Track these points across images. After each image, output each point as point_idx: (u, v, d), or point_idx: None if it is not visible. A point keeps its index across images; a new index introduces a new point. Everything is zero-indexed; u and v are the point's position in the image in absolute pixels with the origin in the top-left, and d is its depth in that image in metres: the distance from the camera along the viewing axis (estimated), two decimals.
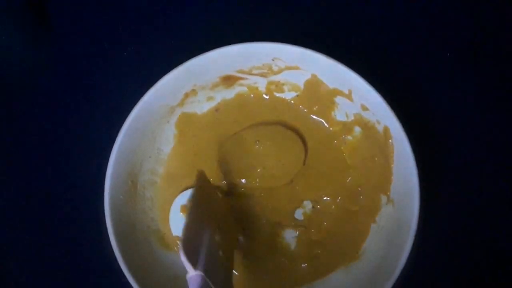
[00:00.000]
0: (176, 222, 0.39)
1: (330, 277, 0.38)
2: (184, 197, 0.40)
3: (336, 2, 0.48)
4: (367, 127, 0.39)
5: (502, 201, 0.42)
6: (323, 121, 0.41)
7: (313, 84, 0.40)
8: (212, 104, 0.42)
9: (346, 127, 0.40)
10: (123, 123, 0.36)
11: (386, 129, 0.36)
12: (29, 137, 0.46)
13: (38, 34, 0.49)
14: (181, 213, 0.39)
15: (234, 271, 0.38)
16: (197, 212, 0.32)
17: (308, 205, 0.40)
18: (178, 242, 0.36)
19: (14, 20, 0.48)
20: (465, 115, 0.44)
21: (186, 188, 0.40)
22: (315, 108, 0.41)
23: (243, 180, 0.40)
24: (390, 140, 0.36)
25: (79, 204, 0.43)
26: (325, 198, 0.40)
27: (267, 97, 0.42)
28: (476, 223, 0.41)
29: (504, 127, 0.44)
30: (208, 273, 0.28)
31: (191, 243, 0.29)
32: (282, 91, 0.42)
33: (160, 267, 0.37)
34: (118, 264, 0.34)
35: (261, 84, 0.41)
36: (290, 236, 0.40)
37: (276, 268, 0.39)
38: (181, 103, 0.40)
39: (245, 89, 0.42)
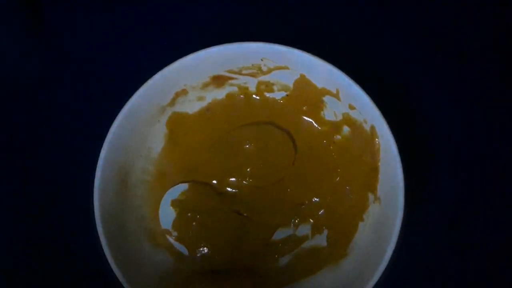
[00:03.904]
0: (166, 216, 0.40)
1: (318, 274, 0.38)
2: (175, 192, 0.40)
3: (324, 2, 0.48)
4: (355, 126, 0.39)
5: (487, 197, 0.42)
6: (312, 120, 0.42)
7: (302, 84, 0.40)
8: (203, 104, 0.43)
9: (335, 127, 0.41)
10: (113, 121, 0.37)
11: (372, 128, 0.37)
12: (18, 136, 0.46)
13: (31, 33, 0.50)
14: (171, 207, 0.40)
15: None
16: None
17: (298, 206, 0.41)
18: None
19: (9, 20, 0.49)
20: (450, 115, 0.45)
21: (178, 184, 0.41)
22: (304, 108, 0.42)
23: (233, 179, 0.41)
24: (376, 139, 0.36)
25: (68, 202, 0.43)
26: (314, 199, 0.41)
27: (257, 97, 0.43)
28: (459, 220, 0.42)
29: (490, 127, 0.44)
30: None
31: None
32: (272, 91, 0.42)
33: (149, 264, 0.38)
34: (107, 262, 0.34)
35: (251, 84, 0.42)
36: (279, 235, 0.40)
37: (265, 266, 0.39)
38: (172, 103, 0.41)
39: (235, 89, 0.42)
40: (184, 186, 0.40)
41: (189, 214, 0.39)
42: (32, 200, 0.44)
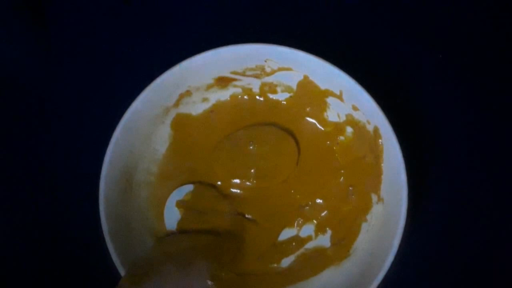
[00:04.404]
0: (171, 216, 0.40)
1: (322, 274, 0.38)
2: (180, 192, 0.40)
3: (327, 3, 0.48)
4: (358, 127, 0.39)
5: (489, 199, 0.43)
6: (315, 122, 0.42)
7: (306, 85, 0.40)
8: (207, 105, 0.43)
9: (338, 128, 0.41)
10: (116, 123, 0.37)
11: (376, 129, 0.37)
12: (24, 136, 0.46)
13: (31, 33, 0.50)
14: (176, 208, 0.40)
15: None
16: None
17: (302, 207, 0.41)
18: None
19: (9, 20, 0.49)
20: (453, 116, 0.45)
21: (182, 184, 0.41)
22: (307, 109, 0.42)
23: (237, 180, 0.41)
24: (380, 140, 0.37)
25: (73, 203, 0.43)
26: (318, 200, 0.41)
27: (261, 99, 0.43)
28: (462, 220, 0.42)
29: (492, 127, 0.44)
30: None
31: None
32: (276, 92, 0.42)
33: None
34: (112, 262, 0.34)
35: (255, 85, 0.42)
36: (283, 236, 0.40)
37: (269, 266, 0.39)
38: (176, 104, 0.41)
39: (239, 90, 0.42)
40: (189, 187, 0.40)
41: (194, 215, 0.39)
42: (35, 201, 0.44)
